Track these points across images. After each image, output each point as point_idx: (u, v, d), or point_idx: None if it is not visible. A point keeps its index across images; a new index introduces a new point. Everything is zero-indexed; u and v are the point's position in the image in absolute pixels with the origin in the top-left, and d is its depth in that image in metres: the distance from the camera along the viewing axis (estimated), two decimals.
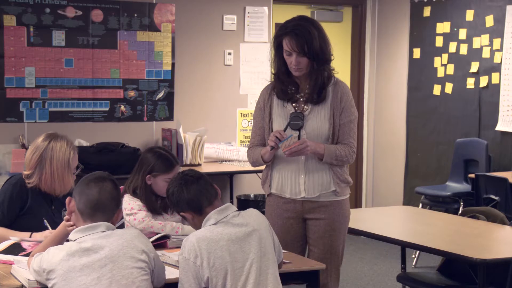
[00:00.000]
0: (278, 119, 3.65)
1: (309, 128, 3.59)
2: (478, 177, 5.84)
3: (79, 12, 6.24)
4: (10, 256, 3.25)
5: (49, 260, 2.79)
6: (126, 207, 3.71)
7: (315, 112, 3.61)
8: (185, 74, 6.71)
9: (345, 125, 3.62)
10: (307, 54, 3.52)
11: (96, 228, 2.84)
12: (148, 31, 6.51)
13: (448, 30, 6.99)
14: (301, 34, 3.52)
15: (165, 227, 3.61)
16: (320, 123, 3.60)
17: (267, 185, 3.72)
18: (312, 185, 3.62)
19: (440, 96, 7.08)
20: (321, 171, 3.63)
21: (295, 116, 3.59)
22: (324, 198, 3.64)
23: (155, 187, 3.73)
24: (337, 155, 3.57)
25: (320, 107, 3.61)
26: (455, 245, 3.89)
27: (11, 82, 6.04)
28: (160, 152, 3.84)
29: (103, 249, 2.79)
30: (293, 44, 3.51)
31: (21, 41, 6.06)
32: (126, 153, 5.93)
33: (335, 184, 3.63)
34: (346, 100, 3.64)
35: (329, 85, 3.62)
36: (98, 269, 2.76)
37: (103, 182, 2.91)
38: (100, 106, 6.38)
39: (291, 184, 3.65)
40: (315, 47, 3.53)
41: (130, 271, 2.79)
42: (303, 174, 3.61)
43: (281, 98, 3.64)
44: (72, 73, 6.24)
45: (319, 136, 3.59)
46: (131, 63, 6.48)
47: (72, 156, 3.61)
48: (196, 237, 2.92)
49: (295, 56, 3.52)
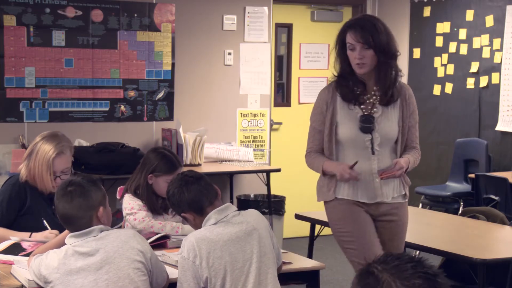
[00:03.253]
0: (345, 122, 3.49)
1: (382, 132, 3.47)
2: (478, 177, 5.84)
3: (79, 12, 6.24)
4: (10, 256, 3.26)
5: (46, 264, 2.81)
6: (126, 206, 3.72)
7: (385, 114, 3.49)
8: (185, 74, 6.71)
9: (414, 128, 3.56)
10: (373, 46, 3.37)
11: (90, 233, 2.83)
12: (148, 31, 6.51)
13: (448, 30, 6.99)
14: (366, 26, 3.39)
15: (165, 227, 3.62)
16: (390, 126, 3.50)
17: (330, 191, 3.56)
18: (387, 188, 3.53)
19: (440, 96, 7.08)
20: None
21: (365, 119, 3.45)
22: (395, 200, 3.57)
23: (156, 187, 3.74)
24: (414, 163, 3.55)
25: (389, 109, 3.49)
26: (455, 245, 3.90)
27: (11, 82, 6.04)
28: (164, 152, 3.85)
29: (98, 251, 2.79)
30: (357, 36, 3.36)
31: (21, 41, 6.06)
32: (126, 153, 5.93)
33: (404, 187, 3.59)
34: (413, 102, 3.56)
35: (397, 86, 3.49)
36: (95, 271, 2.76)
37: (68, 195, 2.86)
38: (100, 106, 6.38)
39: (366, 188, 3.51)
40: (381, 40, 3.38)
41: (127, 272, 2.78)
42: (378, 178, 3.49)
43: (346, 100, 3.48)
44: (72, 73, 6.24)
45: (389, 140, 3.50)
46: (131, 63, 6.48)
47: (53, 158, 3.59)
48: (195, 237, 2.92)
49: (359, 48, 3.37)
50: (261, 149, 7.06)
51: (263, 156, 7.06)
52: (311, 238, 4.62)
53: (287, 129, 7.44)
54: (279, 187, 6.92)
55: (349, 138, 3.49)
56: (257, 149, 7.03)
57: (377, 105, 3.46)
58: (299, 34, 7.46)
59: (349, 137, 3.49)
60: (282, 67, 7.49)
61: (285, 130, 7.43)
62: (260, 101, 7.05)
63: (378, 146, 3.48)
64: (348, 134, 3.49)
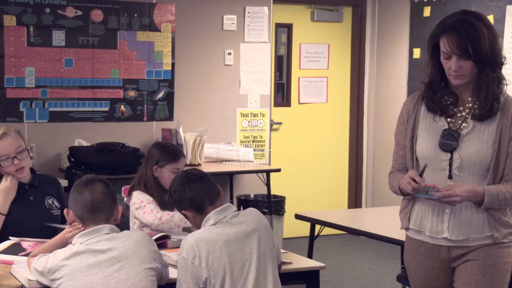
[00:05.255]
0: (424, 135, 2.91)
1: (466, 152, 2.82)
2: None
3: (79, 12, 6.24)
4: (10, 256, 3.26)
5: (55, 261, 2.81)
6: (135, 201, 3.74)
7: (477, 132, 2.83)
8: (185, 74, 6.71)
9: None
10: (472, 56, 2.78)
11: (100, 231, 2.86)
12: (148, 31, 6.51)
13: None
14: (464, 31, 2.79)
15: (174, 217, 3.62)
16: (481, 148, 2.82)
17: (406, 217, 2.99)
18: (459, 224, 2.85)
19: None
20: (473, 208, 2.85)
21: (448, 134, 2.84)
22: (476, 243, 2.86)
23: (162, 178, 3.78)
24: (500, 200, 2.80)
25: (483, 127, 2.83)
26: None
27: (11, 82, 6.04)
28: (166, 144, 3.98)
29: (110, 249, 2.81)
30: (452, 44, 2.79)
31: (21, 41, 6.06)
32: (126, 153, 5.94)
33: (491, 228, 2.85)
34: None
35: (500, 99, 2.85)
36: (105, 268, 2.78)
37: (92, 184, 2.93)
38: (100, 106, 6.38)
39: (431, 219, 2.90)
40: (483, 47, 2.78)
41: (138, 271, 2.81)
42: (448, 208, 2.86)
43: (432, 110, 2.90)
44: (72, 73, 6.24)
45: (477, 165, 2.83)
46: (131, 63, 6.48)
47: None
48: (195, 238, 2.92)
49: (456, 59, 2.79)
50: (261, 149, 7.06)
51: (263, 156, 7.06)
52: (311, 238, 4.62)
53: (287, 129, 7.45)
54: (279, 187, 6.92)
55: (426, 155, 2.90)
56: (257, 149, 7.03)
57: (469, 119, 2.85)
58: (299, 34, 7.46)
59: (425, 153, 2.90)
60: (282, 67, 7.50)
61: (285, 130, 7.44)
62: (260, 101, 7.06)
63: (458, 170, 2.84)
64: (424, 150, 2.90)
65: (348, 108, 7.73)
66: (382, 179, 7.72)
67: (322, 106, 7.60)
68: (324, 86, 7.57)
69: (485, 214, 2.83)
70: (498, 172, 2.83)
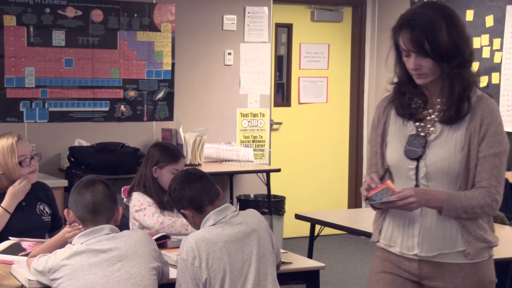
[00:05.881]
0: (393, 142, 2.64)
1: (432, 160, 2.54)
2: None
3: (79, 12, 6.24)
4: (10, 256, 3.26)
5: (55, 261, 2.81)
6: (135, 203, 3.73)
7: (445, 137, 2.55)
8: (185, 74, 6.71)
9: (486, 160, 2.51)
10: (430, 53, 2.50)
11: (100, 231, 2.86)
12: (148, 31, 6.51)
13: None
14: (419, 25, 2.51)
15: (175, 223, 3.62)
16: (448, 154, 2.53)
17: (377, 229, 2.71)
18: (429, 239, 2.56)
19: None
20: (445, 221, 2.55)
21: (414, 140, 2.57)
22: (449, 260, 2.57)
23: (161, 179, 3.77)
24: (466, 207, 2.50)
25: (452, 131, 2.54)
26: None
27: (11, 82, 6.04)
28: (165, 144, 3.96)
29: (111, 249, 2.81)
30: (407, 41, 2.52)
31: (21, 41, 6.05)
32: (126, 153, 5.93)
33: (464, 242, 2.55)
34: (490, 124, 2.52)
35: (471, 98, 2.55)
36: (106, 268, 2.78)
37: (93, 185, 2.93)
38: (100, 106, 6.38)
39: (402, 234, 2.62)
40: (442, 43, 2.49)
41: (139, 270, 2.81)
42: (418, 222, 2.58)
43: (400, 114, 2.63)
44: (72, 73, 6.24)
45: (445, 173, 2.54)
46: (131, 63, 6.47)
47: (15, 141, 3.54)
48: (194, 238, 2.92)
49: (414, 56, 2.52)
50: (261, 149, 7.06)
51: (263, 156, 7.06)
52: (311, 238, 4.62)
53: (287, 129, 7.44)
54: (279, 187, 6.92)
55: (393, 162, 2.64)
56: (257, 149, 7.03)
57: (438, 123, 2.56)
58: (299, 34, 7.46)
59: (392, 161, 2.64)
60: (282, 67, 7.49)
61: (285, 130, 7.44)
62: (260, 101, 7.05)
63: (426, 179, 2.56)
64: (391, 157, 2.64)
65: (348, 108, 7.72)
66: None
67: (322, 106, 7.60)
68: (324, 86, 7.57)
69: (458, 228, 2.54)
70: (468, 179, 2.53)
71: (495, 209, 2.54)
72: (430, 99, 2.60)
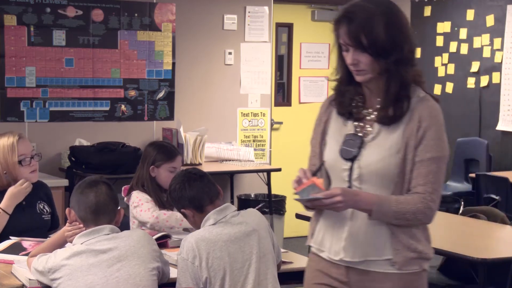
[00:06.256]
0: (331, 143, 2.49)
1: (366, 161, 2.38)
2: (478, 176, 5.84)
3: (79, 11, 6.24)
4: (11, 255, 3.27)
5: (55, 261, 2.81)
6: (134, 200, 3.74)
7: (381, 138, 2.39)
8: (185, 74, 6.71)
9: (422, 165, 2.34)
10: (367, 48, 2.34)
11: (101, 231, 2.86)
12: (149, 31, 6.51)
13: (449, 30, 6.99)
14: (357, 19, 2.37)
15: (171, 217, 3.62)
16: (383, 156, 2.37)
17: (310, 232, 2.59)
18: (356, 244, 2.40)
19: (440, 95, 7.08)
20: (375, 227, 2.38)
21: (350, 140, 2.42)
22: (376, 268, 2.39)
23: (159, 178, 3.77)
24: (396, 212, 2.32)
25: (389, 132, 2.38)
26: (456, 244, 3.89)
27: (11, 82, 6.04)
28: (161, 143, 3.98)
29: (111, 249, 2.81)
30: (344, 35, 2.39)
31: (21, 41, 6.05)
32: (127, 152, 5.93)
33: (392, 250, 2.37)
34: (428, 127, 2.36)
35: (411, 98, 2.38)
36: (106, 268, 2.78)
37: (96, 186, 2.93)
38: (100, 105, 6.37)
39: (331, 237, 2.46)
40: (379, 37, 2.33)
41: (138, 271, 2.81)
42: (347, 226, 2.42)
43: (340, 113, 2.48)
44: (72, 72, 6.24)
45: (379, 175, 2.37)
46: (132, 63, 6.47)
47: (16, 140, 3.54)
48: (195, 238, 2.92)
49: (352, 51, 2.38)
50: (262, 149, 7.06)
51: (263, 155, 7.06)
52: None
53: (287, 128, 7.44)
54: (279, 187, 6.91)
55: (329, 163, 2.49)
56: (258, 148, 7.02)
57: (376, 123, 2.41)
58: (299, 33, 7.46)
59: (328, 161, 2.49)
60: (282, 66, 7.49)
61: (285, 129, 7.43)
62: (260, 101, 7.05)
63: (359, 181, 2.39)
64: (327, 157, 2.49)
65: None
66: None
67: None
68: (325, 85, 7.56)
69: (387, 234, 2.36)
70: (404, 184, 2.36)
71: (430, 217, 2.35)
72: (370, 98, 2.44)
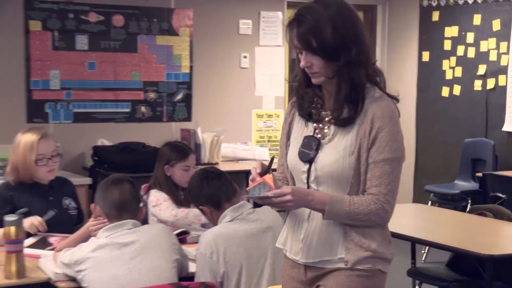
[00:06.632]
0: (293, 144, 2.41)
1: (322, 163, 2.30)
2: (485, 175, 5.82)
3: (101, 17, 6.27)
4: (38, 250, 3.29)
5: (80, 253, 2.84)
6: (152, 199, 3.76)
7: (337, 139, 2.31)
8: (202, 77, 6.73)
9: (376, 166, 2.26)
10: (317, 51, 2.25)
11: (123, 226, 2.89)
12: (167, 35, 6.54)
13: (456, 34, 6.97)
14: (306, 21, 2.24)
15: (189, 214, 3.64)
16: (337, 157, 2.28)
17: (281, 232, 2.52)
18: (311, 245, 2.33)
19: (448, 97, 7.07)
20: (330, 227, 2.31)
21: (307, 141, 2.34)
22: (330, 266, 2.33)
23: (174, 177, 3.80)
24: (349, 212, 2.24)
25: (344, 134, 2.30)
26: (463, 241, 3.89)
27: (37, 85, 6.08)
28: (174, 143, 3.99)
29: (133, 242, 2.84)
30: (294, 38, 2.28)
31: (46, 45, 6.09)
32: (147, 152, 5.96)
33: (343, 248, 2.29)
34: (381, 128, 2.27)
35: (365, 99, 2.30)
36: (129, 261, 2.81)
37: (121, 184, 2.96)
38: (121, 107, 6.41)
39: (292, 238, 2.41)
40: (328, 39, 2.22)
41: (159, 263, 2.84)
42: (305, 227, 2.35)
43: (300, 115, 2.41)
44: (95, 75, 6.27)
45: (334, 177, 2.29)
46: (151, 66, 6.50)
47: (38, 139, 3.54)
48: (212, 234, 2.94)
49: (305, 54, 2.29)
50: (276, 149, 7.07)
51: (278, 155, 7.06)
52: None
53: None
54: None
55: (290, 165, 2.41)
56: (272, 148, 7.04)
57: (332, 125, 2.32)
58: None
59: (289, 163, 2.41)
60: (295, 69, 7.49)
61: None
62: (274, 102, 7.06)
63: (316, 183, 2.31)
64: (289, 159, 2.41)
65: None
66: None
67: None
68: None
69: (341, 234, 2.28)
70: (359, 185, 2.27)
71: (384, 217, 2.27)
72: (328, 100, 2.34)
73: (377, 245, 2.30)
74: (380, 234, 2.31)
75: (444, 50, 7.09)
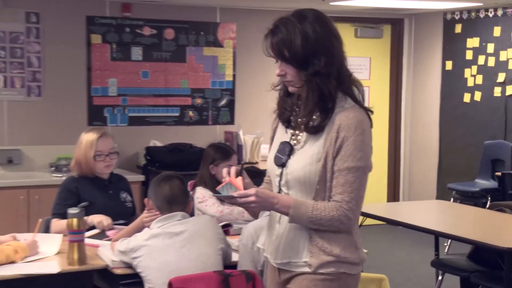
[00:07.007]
0: (272, 149, 2.35)
1: (291, 168, 2.22)
2: (504, 175, 5.73)
3: (154, 31, 6.33)
4: (97, 240, 3.33)
5: (135, 242, 2.87)
6: (198, 196, 3.77)
7: (308, 146, 2.22)
8: (244, 84, 6.74)
9: (340, 174, 2.17)
10: (289, 60, 2.19)
11: (174, 217, 2.91)
12: (213, 47, 6.56)
13: (478, 45, 6.87)
14: (279, 32, 2.23)
15: (233, 211, 3.64)
16: (305, 163, 2.20)
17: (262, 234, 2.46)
18: (279, 247, 2.26)
19: (469, 103, 6.97)
20: (296, 230, 2.22)
21: (282, 147, 2.27)
22: (297, 269, 2.23)
23: (218, 176, 3.80)
24: (312, 217, 2.14)
25: (313, 141, 2.21)
26: (484, 235, 3.84)
27: (97, 92, 6.16)
28: (218, 144, 3.99)
29: (182, 232, 2.86)
30: (268, 48, 2.28)
31: (105, 57, 6.16)
32: (194, 152, 5.99)
33: (308, 252, 2.20)
34: (346, 137, 2.16)
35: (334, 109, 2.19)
36: (179, 248, 2.83)
37: (171, 180, 2.98)
38: (171, 112, 6.45)
39: (267, 238, 2.36)
40: (298, 50, 2.17)
41: (206, 250, 2.85)
42: (276, 229, 2.29)
43: (280, 120, 2.34)
44: (148, 83, 6.33)
45: (302, 182, 2.20)
46: (198, 75, 6.54)
47: (97, 138, 3.61)
48: (253, 226, 2.94)
49: (280, 63, 2.25)
50: None
51: None
52: None
53: None
54: None
55: (268, 169, 2.35)
56: None
57: (304, 133, 2.24)
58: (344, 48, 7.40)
59: (268, 167, 2.36)
60: None
61: None
62: None
63: (286, 187, 2.24)
64: (268, 163, 2.35)
65: (387, 114, 7.65)
66: (417, 176, 7.64)
67: None
68: (366, 94, 7.49)
69: (307, 238, 2.19)
70: (325, 191, 2.18)
71: (346, 224, 2.15)
72: (304, 107, 2.24)
73: (340, 250, 2.17)
74: (344, 239, 2.19)
75: (466, 59, 6.99)
